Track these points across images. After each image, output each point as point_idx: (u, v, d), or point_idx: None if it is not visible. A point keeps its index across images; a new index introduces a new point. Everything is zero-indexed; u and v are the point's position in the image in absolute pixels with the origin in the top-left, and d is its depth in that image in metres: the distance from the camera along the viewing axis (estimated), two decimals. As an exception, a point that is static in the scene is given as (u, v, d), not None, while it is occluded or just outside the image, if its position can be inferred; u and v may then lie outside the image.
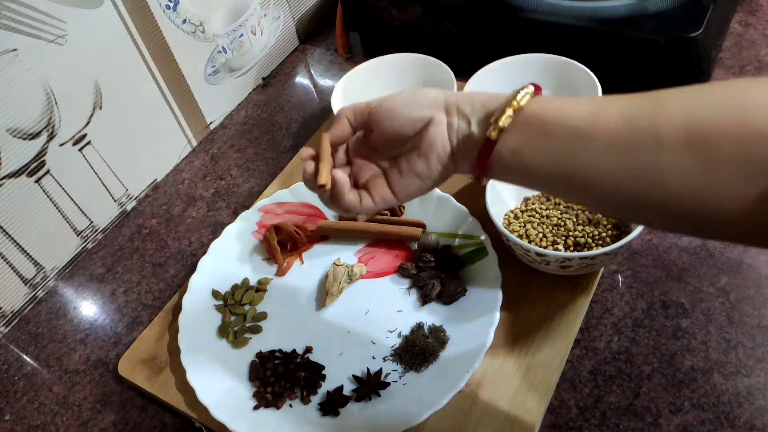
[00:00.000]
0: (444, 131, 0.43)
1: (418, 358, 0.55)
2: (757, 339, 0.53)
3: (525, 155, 0.40)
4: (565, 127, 0.38)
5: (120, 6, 0.67)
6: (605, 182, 0.37)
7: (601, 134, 0.37)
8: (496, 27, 0.77)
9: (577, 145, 0.37)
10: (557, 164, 0.38)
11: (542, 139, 0.39)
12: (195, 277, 0.63)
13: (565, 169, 0.38)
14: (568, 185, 0.39)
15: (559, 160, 0.38)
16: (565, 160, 0.38)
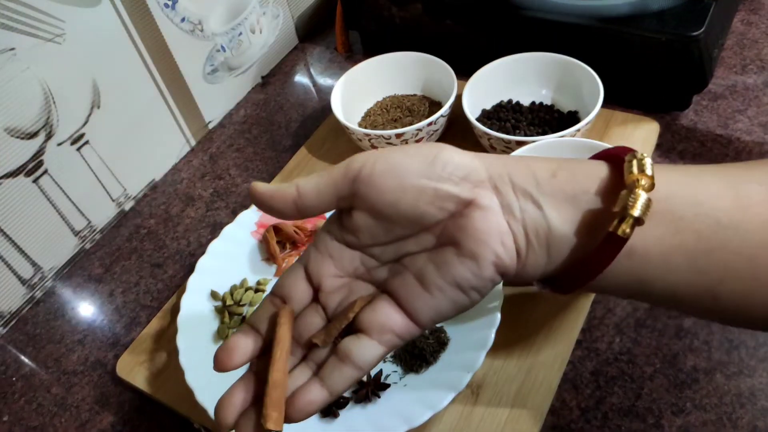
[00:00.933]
0: (501, 219, 0.28)
1: (418, 359, 0.55)
2: (759, 339, 0.53)
3: (651, 259, 0.28)
4: (706, 218, 0.27)
5: (118, 4, 0.67)
6: (763, 286, 0.28)
7: (754, 221, 0.27)
8: (497, 25, 0.77)
9: (725, 238, 0.27)
10: (699, 269, 0.28)
11: (674, 235, 0.28)
12: (193, 277, 0.63)
13: (711, 274, 0.28)
14: (713, 295, 0.28)
15: (702, 263, 0.28)
16: (709, 263, 0.28)
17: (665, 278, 0.28)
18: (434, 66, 0.76)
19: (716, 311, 0.30)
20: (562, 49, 0.71)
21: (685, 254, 0.27)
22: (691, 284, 0.28)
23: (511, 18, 0.74)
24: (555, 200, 0.28)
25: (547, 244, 0.28)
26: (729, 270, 0.27)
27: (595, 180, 0.28)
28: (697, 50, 0.66)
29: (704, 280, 0.28)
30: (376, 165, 0.28)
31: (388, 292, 0.30)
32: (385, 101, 0.79)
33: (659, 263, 0.28)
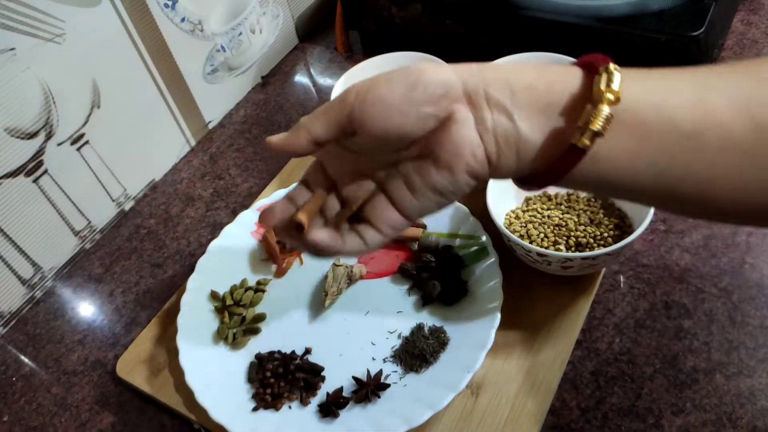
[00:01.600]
0: (472, 132, 0.32)
1: (419, 359, 0.55)
2: (759, 339, 0.53)
3: (614, 163, 0.31)
4: (670, 126, 0.30)
5: (118, 4, 0.67)
6: (716, 191, 0.31)
7: (716, 130, 0.29)
8: (497, 25, 0.77)
9: (687, 147, 0.30)
10: (657, 173, 0.31)
11: (638, 142, 0.30)
12: (193, 277, 0.63)
13: (667, 179, 0.31)
14: (665, 195, 0.32)
15: (661, 168, 0.30)
16: (668, 169, 0.30)
17: (628, 179, 0.31)
18: (434, 66, 0.75)
19: (675, 206, 0.35)
20: (562, 49, 0.71)
21: (648, 159, 0.30)
22: (653, 184, 0.31)
23: (511, 18, 0.74)
24: (528, 111, 0.31)
25: (516, 150, 0.32)
26: (688, 173, 0.30)
27: (569, 92, 0.31)
28: (697, 50, 0.66)
29: (665, 181, 0.31)
30: (366, 97, 0.33)
31: (384, 191, 0.35)
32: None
33: (623, 167, 0.31)
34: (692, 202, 0.32)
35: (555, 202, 0.62)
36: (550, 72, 0.32)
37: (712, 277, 0.58)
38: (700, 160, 0.30)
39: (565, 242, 0.58)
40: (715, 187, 0.31)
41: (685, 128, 0.30)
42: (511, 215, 0.61)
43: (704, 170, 0.30)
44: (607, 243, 0.56)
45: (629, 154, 0.31)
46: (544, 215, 0.60)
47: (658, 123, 0.30)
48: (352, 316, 0.59)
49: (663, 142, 0.30)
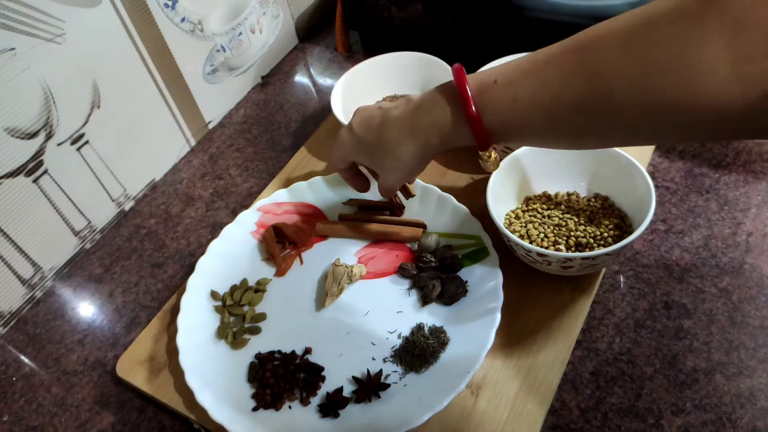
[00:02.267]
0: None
1: (419, 359, 0.55)
2: (759, 340, 0.53)
3: (517, 100, 0.41)
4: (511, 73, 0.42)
5: (118, 4, 0.67)
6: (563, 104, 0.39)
7: (550, 71, 0.40)
8: (497, 25, 0.77)
9: (535, 82, 0.40)
10: (544, 92, 0.40)
11: (507, 87, 0.41)
12: (193, 277, 0.63)
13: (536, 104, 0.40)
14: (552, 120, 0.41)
15: (537, 87, 0.40)
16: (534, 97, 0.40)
17: (533, 99, 0.41)
18: (434, 66, 0.76)
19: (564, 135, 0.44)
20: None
21: (524, 89, 0.41)
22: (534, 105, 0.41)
23: (511, 18, 0.74)
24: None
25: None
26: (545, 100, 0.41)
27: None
28: (697, 50, 0.66)
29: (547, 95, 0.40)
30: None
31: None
32: (385, 101, 0.79)
33: (522, 97, 0.41)
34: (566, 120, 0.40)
35: (555, 202, 0.62)
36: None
37: (712, 277, 0.58)
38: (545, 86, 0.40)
39: (565, 242, 0.58)
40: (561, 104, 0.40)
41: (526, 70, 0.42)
42: (511, 215, 0.61)
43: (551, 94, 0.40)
44: (607, 243, 0.56)
45: (517, 88, 0.41)
46: (544, 215, 0.60)
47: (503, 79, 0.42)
48: (352, 316, 0.59)
49: (520, 87, 0.41)
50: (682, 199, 0.64)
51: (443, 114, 0.45)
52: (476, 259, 0.60)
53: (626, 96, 0.36)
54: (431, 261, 0.61)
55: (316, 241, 0.67)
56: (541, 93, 0.40)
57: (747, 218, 0.62)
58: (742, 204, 0.63)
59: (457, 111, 0.44)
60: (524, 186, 0.63)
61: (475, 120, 0.43)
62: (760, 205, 0.62)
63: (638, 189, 0.56)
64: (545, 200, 0.62)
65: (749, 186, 0.64)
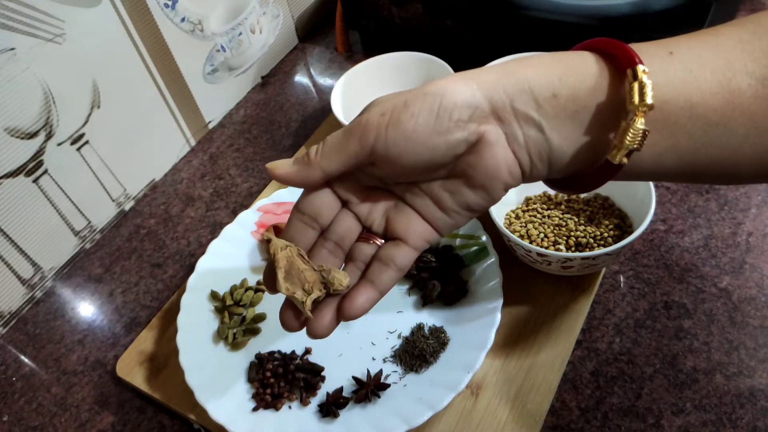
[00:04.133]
0: (507, 151, 0.31)
1: (419, 359, 0.55)
2: (759, 340, 0.53)
3: (644, 159, 0.31)
4: (697, 121, 0.30)
5: (118, 4, 0.67)
6: (743, 168, 0.31)
7: (741, 118, 0.29)
8: (498, 25, 0.77)
9: (713, 136, 0.30)
10: (686, 163, 0.31)
11: (667, 138, 0.30)
12: (193, 277, 0.63)
13: (697, 165, 0.31)
14: (686, 176, 0.32)
15: (690, 158, 0.31)
16: (697, 157, 0.31)
17: (655, 171, 0.32)
18: (434, 66, 0.76)
19: (691, 181, 0.35)
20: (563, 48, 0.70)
21: (675, 153, 0.30)
22: (676, 170, 0.31)
23: (512, 18, 0.74)
24: (556, 121, 0.30)
25: (548, 161, 0.32)
26: (712, 162, 0.31)
27: (596, 98, 0.30)
28: (697, 50, 0.66)
29: (690, 170, 0.31)
30: (389, 135, 0.31)
31: (410, 206, 0.34)
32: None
33: (651, 162, 0.31)
34: (712, 179, 0.33)
35: (555, 202, 0.62)
36: (571, 72, 0.31)
37: (712, 277, 0.58)
38: (725, 146, 0.30)
39: (565, 242, 0.58)
40: (739, 165, 0.31)
41: (711, 119, 0.30)
42: (511, 215, 0.61)
43: (728, 156, 0.30)
44: (607, 243, 0.56)
45: (659, 149, 0.30)
46: (544, 215, 0.60)
47: (687, 118, 0.30)
48: (352, 316, 0.59)
49: (691, 137, 0.30)
50: (682, 199, 0.64)
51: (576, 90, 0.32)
52: (476, 259, 0.60)
53: None
54: (431, 261, 0.61)
55: (316, 241, 0.66)
56: (723, 68, 0.30)
57: (747, 218, 0.62)
58: (742, 204, 0.63)
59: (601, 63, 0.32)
60: (524, 186, 0.63)
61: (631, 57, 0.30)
62: (760, 205, 0.62)
63: (638, 189, 0.56)
64: (545, 200, 0.62)
65: (749, 186, 0.64)
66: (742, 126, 0.30)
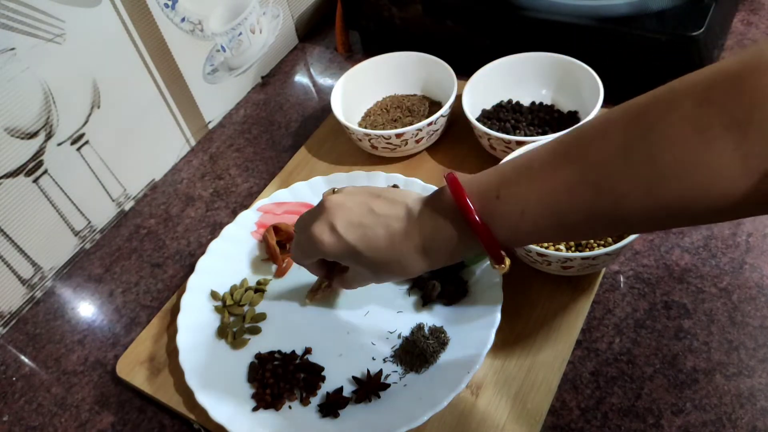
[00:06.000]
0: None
1: (419, 359, 0.55)
2: (759, 340, 0.53)
3: (522, 215, 0.39)
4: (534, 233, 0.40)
5: (118, 4, 0.67)
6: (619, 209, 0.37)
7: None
8: (497, 25, 0.77)
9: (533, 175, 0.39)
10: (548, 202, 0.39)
11: (520, 196, 0.40)
12: (193, 277, 0.63)
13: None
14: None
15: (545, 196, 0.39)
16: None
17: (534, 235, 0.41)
18: (434, 66, 0.76)
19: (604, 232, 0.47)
20: (562, 49, 0.71)
21: (530, 195, 0.39)
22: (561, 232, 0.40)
23: (511, 18, 0.74)
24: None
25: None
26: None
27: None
28: (697, 50, 0.66)
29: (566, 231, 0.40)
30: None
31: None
32: (385, 101, 0.79)
33: (523, 207, 0.40)
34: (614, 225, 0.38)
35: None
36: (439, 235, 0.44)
37: (712, 277, 0.58)
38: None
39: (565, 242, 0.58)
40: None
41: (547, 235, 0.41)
42: (511, 215, 0.61)
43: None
44: (607, 243, 0.56)
45: (521, 199, 0.40)
46: (544, 215, 0.60)
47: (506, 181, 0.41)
48: (352, 316, 0.59)
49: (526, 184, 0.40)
50: (682, 199, 0.64)
51: (451, 235, 0.43)
52: (476, 259, 0.60)
53: (638, 202, 0.35)
54: (431, 261, 0.60)
55: (316, 241, 0.66)
56: (549, 205, 0.38)
57: (747, 218, 0.62)
58: (742, 204, 0.63)
59: (466, 232, 0.42)
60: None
61: (492, 242, 0.41)
62: (760, 205, 0.62)
63: (638, 189, 0.56)
64: (545, 200, 0.62)
65: (749, 186, 0.64)
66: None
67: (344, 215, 0.45)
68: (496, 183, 0.41)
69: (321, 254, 0.47)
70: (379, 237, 0.44)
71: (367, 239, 0.45)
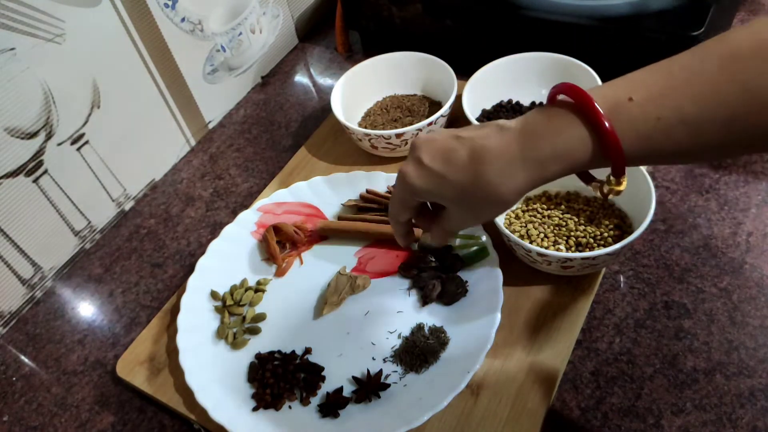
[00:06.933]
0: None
1: (419, 359, 0.55)
2: (759, 340, 0.53)
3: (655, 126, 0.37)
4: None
5: (118, 4, 0.67)
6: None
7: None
8: (497, 25, 0.77)
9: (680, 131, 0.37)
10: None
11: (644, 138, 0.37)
12: (193, 277, 0.63)
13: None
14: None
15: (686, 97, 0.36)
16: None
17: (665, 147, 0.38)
18: (434, 66, 0.76)
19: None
20: (562, 48, 0.71)
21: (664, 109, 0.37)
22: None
23: (511, 18, 0.74)
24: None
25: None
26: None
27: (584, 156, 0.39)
28: (697, 50, 0.66)
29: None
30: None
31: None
32: (385, 101, 0.79)
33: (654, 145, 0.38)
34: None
35: (555, 202, 0.62)
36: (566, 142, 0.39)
37: (712, 277, 0.58)
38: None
39: (565, 242, 0.58)
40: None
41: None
42: (511, 215, 0.61)
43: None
44: (607, 243, 0.56)
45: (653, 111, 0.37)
46: (544, 215, 0.60)
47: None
48: (352, 316, 0.59)
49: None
50: (682, 199, 0.64)
51: (569, 140, 0.39)
52: (476, 259, 0.60)
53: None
54: (431, 261, 0.61)
55: (316, 241, 0.66)
56: (690, 109, 0.36)
57: (747, 218, 0.62)
58: (742, 204, 0.63)
59: (586, 135, 0.38)
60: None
61: (615, 144, 0.37)
62: (760, 205, 0.62)
63: (638, 189, 0.56)
64: (545, 200, 0.62)
65: (749, 186, 0.64)
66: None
67: (429, 146, 0.44)
68: (626, 86, 0.38)
69: (412, 192, 0.44)
70: (464, 158, 0.42)
71: (452, 164, 0.42)
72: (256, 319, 0.60)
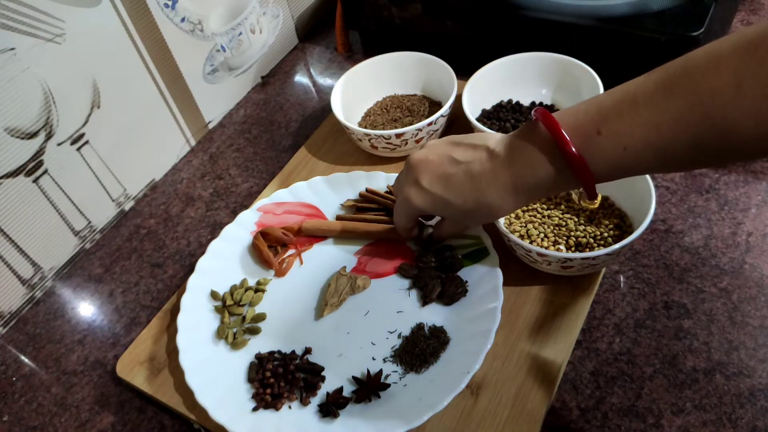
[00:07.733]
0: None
1: (419, 359, 0.55)
2: (759, 340, 0.53)
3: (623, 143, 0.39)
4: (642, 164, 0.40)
5: (118, 4, 0.67)
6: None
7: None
8: (497, 25, 0.77)
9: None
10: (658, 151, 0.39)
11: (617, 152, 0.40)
12: (193, 277, 0.63)
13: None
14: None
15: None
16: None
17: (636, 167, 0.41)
18: (434, 66, 0.76)
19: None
20: (562, 49, 0.71)
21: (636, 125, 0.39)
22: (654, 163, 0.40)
23: (511, 18, 0.74)
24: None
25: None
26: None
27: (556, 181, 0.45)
28: (697, 50, 0.66)
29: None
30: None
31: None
32: (385, 101, 0.79)
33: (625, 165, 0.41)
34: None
35: (555, 202, 0.62)
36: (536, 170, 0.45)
37: (712, 277, 0.58)
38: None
39: (565, 242, 0.58)
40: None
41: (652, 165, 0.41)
42: (511, 215, 0.61)
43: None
44: (607, 243, 0.56)
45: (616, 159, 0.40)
46: (544, 215, 0.60)
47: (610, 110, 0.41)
48: (352, 316, 0.59)
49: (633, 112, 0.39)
50: (682, 199, 0.64)
51: (550, 172, 0.43)
52: (476, 259, 0.60)
53: (749, 130, 0.35)
54: (431, 261, 0.61)
55: (317, 241, 0.66)
56: (654, 139, 0.38)
57: (747, 218, 0.62)
58: (742, 204, 0.63)
59: (564, 167, 0.43)
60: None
61: (588, 175, 0.41)
62: (760, 205, 0.62)
63: (638, 189, 0.56)
64: (545, 200, 0.62)
65: (749, 186, 0.64)
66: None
67: (427, 170, 0.48)
68: (596, 118, 0.40)
69: (417, 211, 0.51)
70: (463, 184, 0.46)
71: (452, 188, 0.47)
72: (256, 319, 0.60)
